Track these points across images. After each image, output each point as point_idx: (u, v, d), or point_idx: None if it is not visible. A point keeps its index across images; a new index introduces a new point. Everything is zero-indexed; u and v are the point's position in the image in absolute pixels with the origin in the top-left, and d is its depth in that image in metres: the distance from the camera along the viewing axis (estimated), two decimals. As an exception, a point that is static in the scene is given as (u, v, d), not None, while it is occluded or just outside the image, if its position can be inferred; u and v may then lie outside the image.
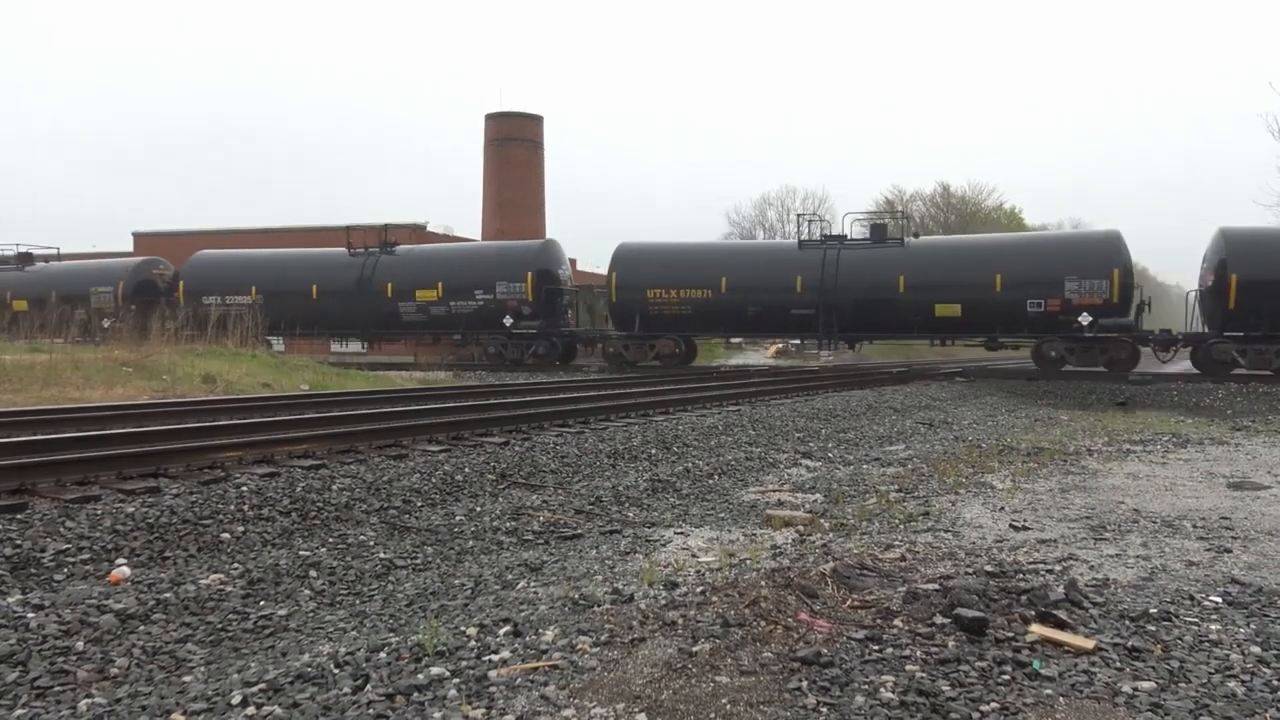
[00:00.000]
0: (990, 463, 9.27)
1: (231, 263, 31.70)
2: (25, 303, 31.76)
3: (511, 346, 27.48)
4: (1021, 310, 22.90)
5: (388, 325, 28.83)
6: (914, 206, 69.55)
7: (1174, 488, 7.63)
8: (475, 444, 9.17)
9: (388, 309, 28.40)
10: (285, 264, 30.59)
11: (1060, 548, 5.26)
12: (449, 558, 5.82)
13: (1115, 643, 3.49)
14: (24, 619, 4.27)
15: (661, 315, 25.94)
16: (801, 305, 24.69)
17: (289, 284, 29.53)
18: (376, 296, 28.47)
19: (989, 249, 24.80)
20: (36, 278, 33.65)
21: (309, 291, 29.05)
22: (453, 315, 27.82)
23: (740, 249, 27.75)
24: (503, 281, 27.41)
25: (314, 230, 40.55)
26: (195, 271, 31.16)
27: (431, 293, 27.93)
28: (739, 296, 25.19)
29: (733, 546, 5.70)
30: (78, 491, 6.30)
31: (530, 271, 27.25)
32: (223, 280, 30.42)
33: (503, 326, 27.34)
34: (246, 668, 3.80)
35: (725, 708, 2.90)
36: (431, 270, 28.32)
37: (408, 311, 28.21)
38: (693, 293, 25.63)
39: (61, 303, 30.36)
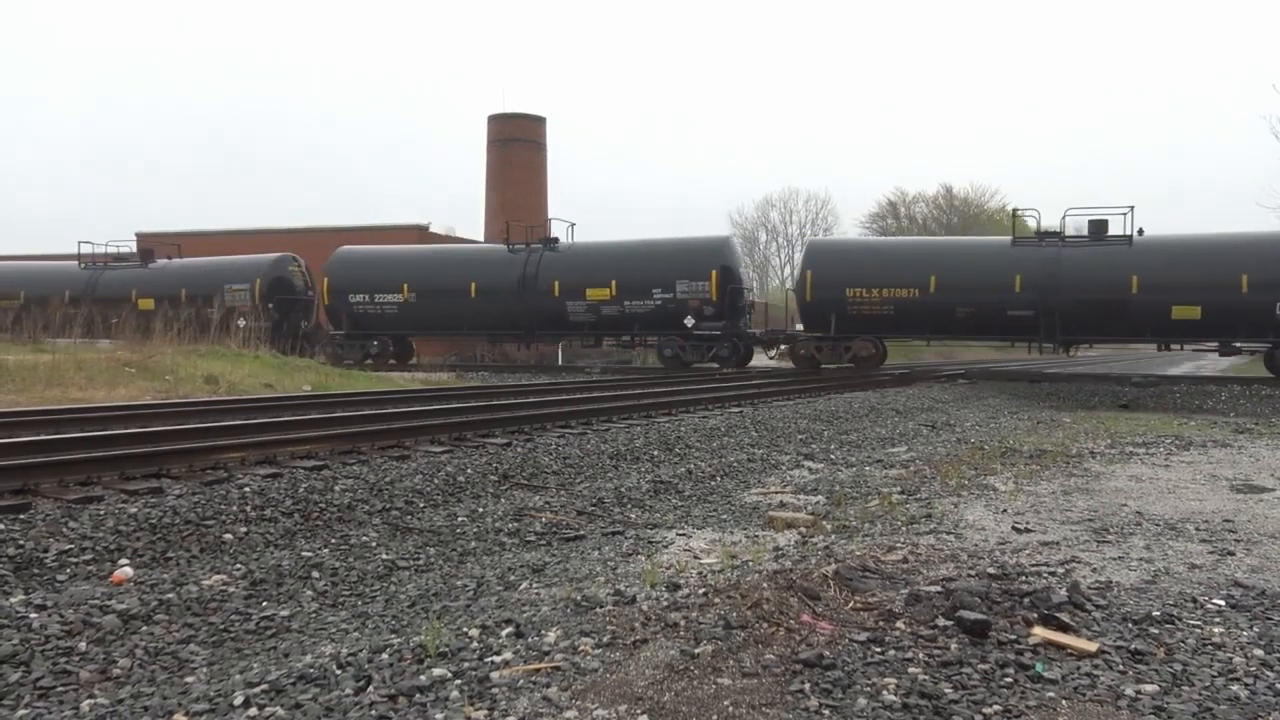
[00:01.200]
0: (993, 465, 9.26)
1: (380, 259, 29.89)
2: (152, 301, 30.21)
3: (690, 349, 25.91)
4: (1269, 312, 21.20)
5: (552, 326, 27.34)
6: (917, 208, 69.58)
7: (1177, 490, 7.62)
8: (478, 445, 9.17)
9: (553, 308, 26.72)
10: (441, 260, 29.03)
11: (1063, 550, 5.26)
12: (451, 559, 5.82)
13: (1118, 645, 3.49)
14: (27, 619, 4.28)
15: (860, 315, 24.03)
16: (1020, 306, 22.64)
17: (445, 282, 27.74)
18: (541, 295, 26.71)
19: (1234, 247, 22.58)
20: (163, 275, 31.69)
21: (466, 290, 27.27)
22: (626, 315, 26.14)
23: (949, 246, 25.06)
24: (684, 279, 25.63)
25: (316, 231, 40.56)
26: (341, 268, 29.34)
27: (603, 291, 26.21)
28: (948, 296, 23.13)
29: (735, 548, 5.70)
30: (80, 492, 6.30)
31: (714, 269, 25.57)
32: (370, 277, 28.69)
33: (682, 327, 25.63)
34: (249, 668, 3.80)
35: (727, 709, 2.89)
36: (604, 268, 26.68)
37: (575, 311, 26.60)
38: (897, 292, 23.62)
39: (192, 301, 29.23)
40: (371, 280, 28.67)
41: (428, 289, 27.83)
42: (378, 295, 28.30)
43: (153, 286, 31.06)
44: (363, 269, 29.14)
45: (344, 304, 28.63)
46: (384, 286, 28.35)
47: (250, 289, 29.65)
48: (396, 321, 28.49)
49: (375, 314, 28.46)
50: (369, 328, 28.62)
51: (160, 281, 31.19)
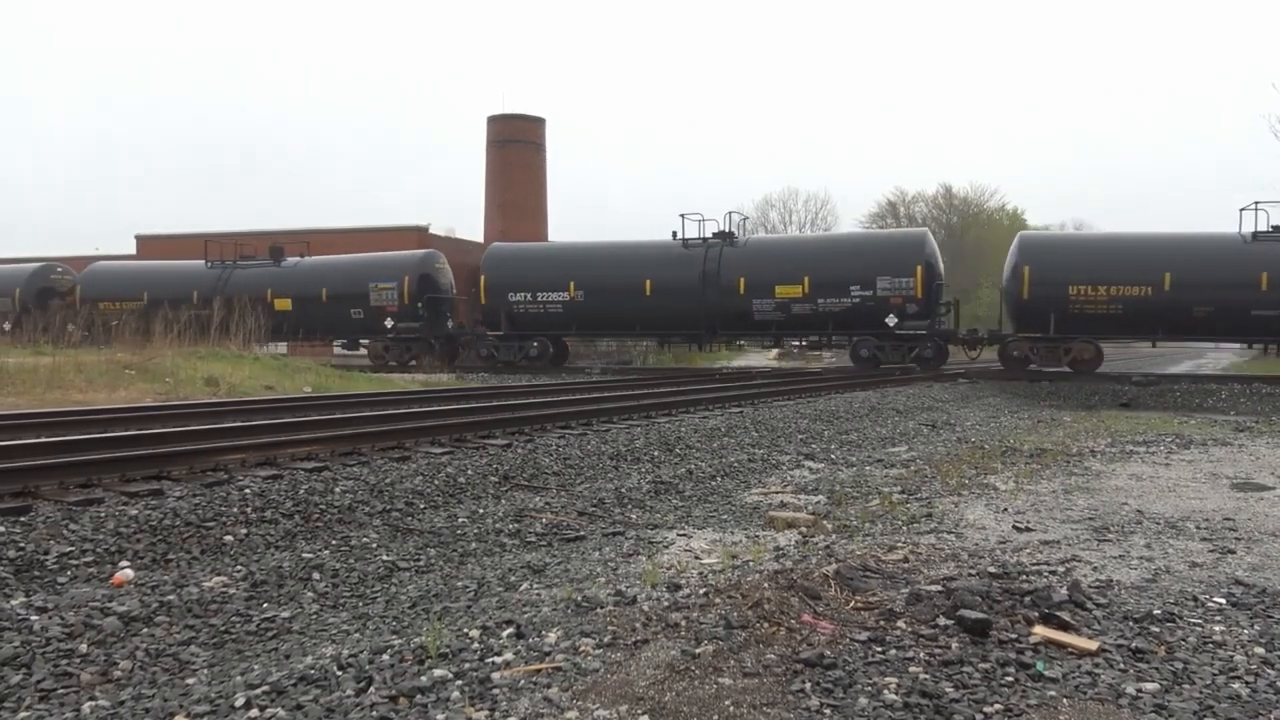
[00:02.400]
0: (993, 464, 9.26)
1: (545, 255, 28.46)
2: (289, 301, 29.01)
3: (889, 349, 24.33)
4: None
5: (736, 325, 25.75)
6: (916, 208, 69.52)
7: (1177, 489, 7.62)
8: (478, 446, 9.17)
9: (737, 307, 25.01)
10: (614, 257, 27.09)
11: (1063, 549, 5.26)
12: (452, 560, 5.82)
13: (1119, 644, 3.49)
14: (28, 621, 4.28)
15: (1082, 315, 22.39)
16: (1266, 306, 21.36)
17: (617, 280, 26.00)
18: (725, 293, 25.02)
19: None
20: (300, 273, 30.00)
21: (641, 288, 25.56)
22: (819, 314, 24.42)
23: (1183, 241, 23.46)
24: (885, 276, 23.87)
25: (316, 232, 40.55)
26: (500, 265, 27.63)
27: (795, 289, 24.44)
28: (1185, 295, 21.65)
29: (735, 548, 5.70)
30: (81, 494, 6.30)
31: (919, 264, 23.84)
32: (533, 275, 26.94)
33: (881, 326, 24.03)
34: (250, 670, 3.80)
35: (728, 709, 2.89)
36: (795, 264, 24.92)
37: (762, 310, 24.88)
38: (1127, 290, 21.97)
39: (334, 301, 28.28)
40: (534, 278, 26.92)
41: (598, 287, 26.19)
42: (540, 294, 26.65)
43: (289, 285, 29.58)
44: (525, 266, 27.46)
45: (503, 303, 26.90)
46: (548, 284, 26.64)
47: (398, 287, 28.06)
48: (561, 321, 26.93)
49: (537, 314, 26.79)
50: (529, 328, 27.03)
51: (298, 280, 29.62)
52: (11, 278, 33.86)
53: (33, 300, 32.41)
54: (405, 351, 28.10)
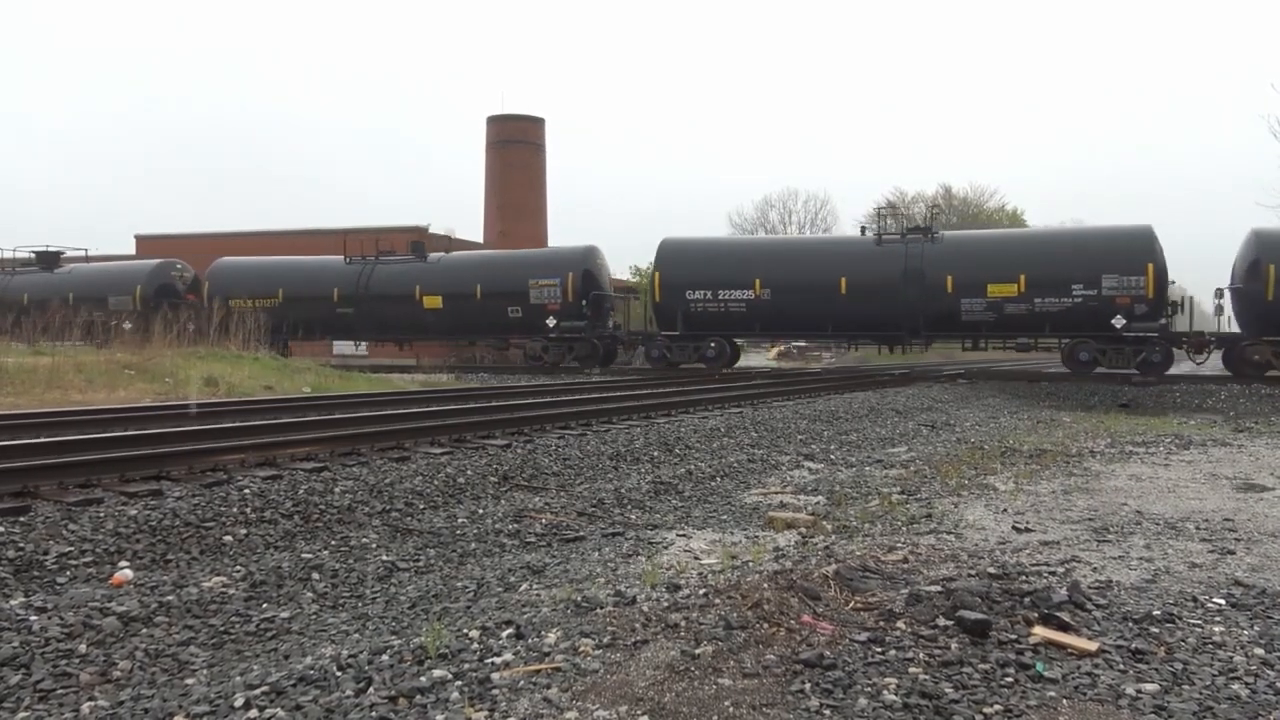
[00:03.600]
0: (993, 464, 9.26)
1: (726, 251, 26.55)
2: (439, 299, 27.66)
3: (1113, 353, 22.56)
4: None
5: (942, 326, 23.98)
6: (915, 208, 69.53)
7: (1177, 489, 7.62)
8: (477, 446, 9.17)
9: (944, 306, 23.23)
10: (804, 253, 25.61)
11: (1063, 549, 5.26)
12: (451, 560, 5.82)
13: (1118, 645, 3.48)
14: (27, 622, 4.27)
15: None
16: None
17: (808, 277, 24.25)
18: (930, 292, 23.23)
19: None
20: (451, 269, 28.47)
21: (835, 286, 23.80)
22: (1034, 314, 22.61)
23: None
24: (1111, 274, 22.04)
25: (316, 233, 40.56)
26: (676, 262, 25.68)
27: (1009, 287, 22.73)
28: None
29: (735, 548, 5.70)
30: (80, 494, 6.29)
31: (1149, 262, 21.97)
32: (713, 272, 25.04)
33: (1106, 328, 22.24)
34: (249, 670, 3.80)
35: (728, 710, 2.89)
36: (1010, 260, 23.14)
37: (971, 309, 23.08)
38: None
39: (489, 299, 26.92)
40: (716, 275, 25.01)
41: (786, 285, 24.27)
42: (722, 292, 24.78)
43: (439, 282, 28.02)
44: (706, 263, 25.60)
45: (679, 301, 24.97)
46: (731, 282, 24.71)
47: (561, 284, 26.66)
48: (742, 321, 25.13)
49: (717, 313, 24.94)
50: (706, 328, 25.19)
51: (447, 276, 28.15)
52: (131, 274, 32.32)
53: (153, 297, 30.99)
54: (567, 352, 26.96)
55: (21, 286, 32.91)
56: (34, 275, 33.47)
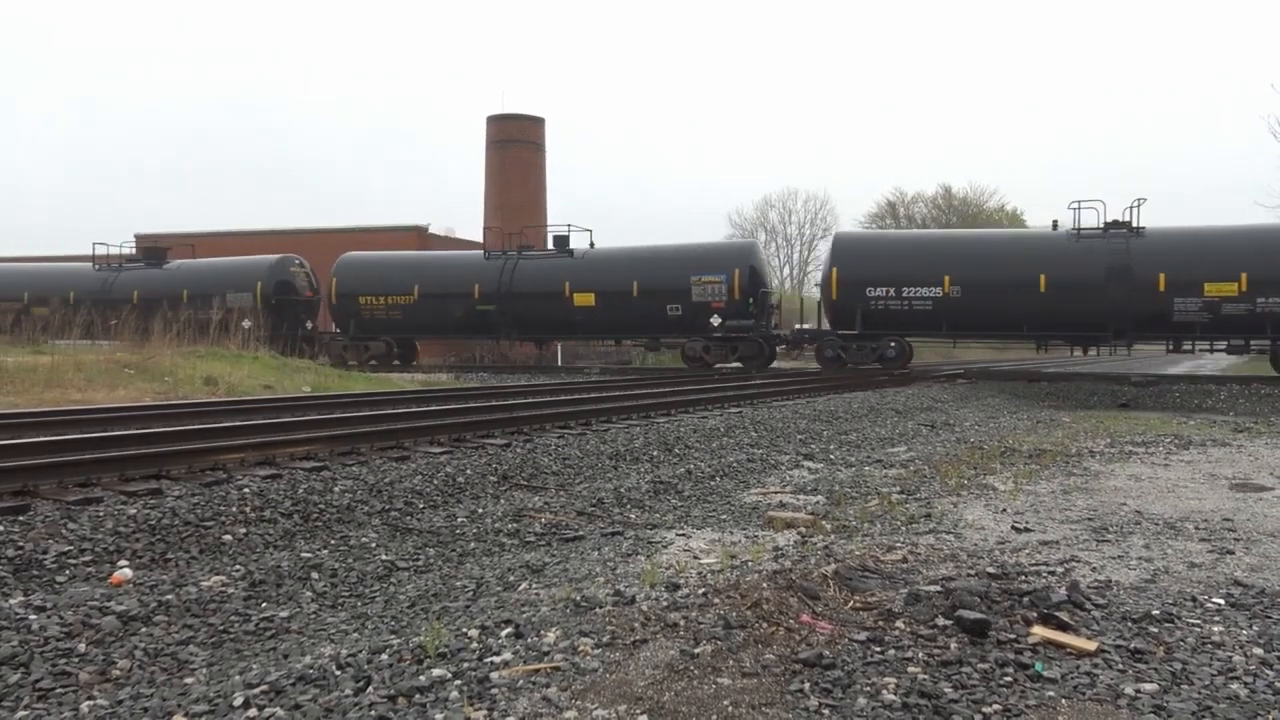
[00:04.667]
0: (992, 464, 9.27)
1: (910, 246, 24.91)
2: (592, 296, 26.23)
3: None
4: None
5: (1151, 326, 22.36)
6: (916, 208, 69.60)
7: (1176, 489, 7.62)
8: (477, 445, 9.17)
9: (1154, 306, 21.62)
10: (996, 248, 23.99)
11: (1062, 549, 5.26)
12: (451, 559, 5.82)
13: (1118, 644, 3.49)
14: (26, 621, 4.27)
15: None
16: None
17: (1005, 273, 22.74)
18: (1139, 291, 21.61)
19: None
20: (602, 264, 26.97)
21: (1034, 283, 22.16)
22: (1255, 315, 21.09)
23: None
24: None
25: (314, 232, 40.57)
26: (855, 257, 24.13)
27: (1229, 286, 21.03)
28: None
29: (734, 548, 5.70)
30: (80, 493, 6.30)
31: None
32: (896, 268, 23.55)
33: None
34: (248, 669, 3.80)
35: (727, 709, 2.89)
36: (1229, 258, 21.30)
37: (1185, 309, 21.45)
38: None
39: (647, 296, 25.50)
40: (898, 271, 23.50)
41: (979, 283, 22.76)
42: (906, 289, 23.36)
43: (590, 278, 26.63)
44: (887, 258, 24.16)
45: (859, 299, 23.55)
46: (916, 279, 23.32)
47: (727, 281, 25.25)
48: (927, 320, 23.52)
49: (899, 311, 23.39)
50: (886, 326, 23.75)
51: (599, 272, 26.71)
52: (250, 270, 30.35)
53: (273, 294, 29.42)
54: (731, 352, 25.65)
55: (130, 283, 31.08)
56: (142, 271, 31.67)
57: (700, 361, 25.88)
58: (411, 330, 28.99)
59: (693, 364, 26.01)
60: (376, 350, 28.51)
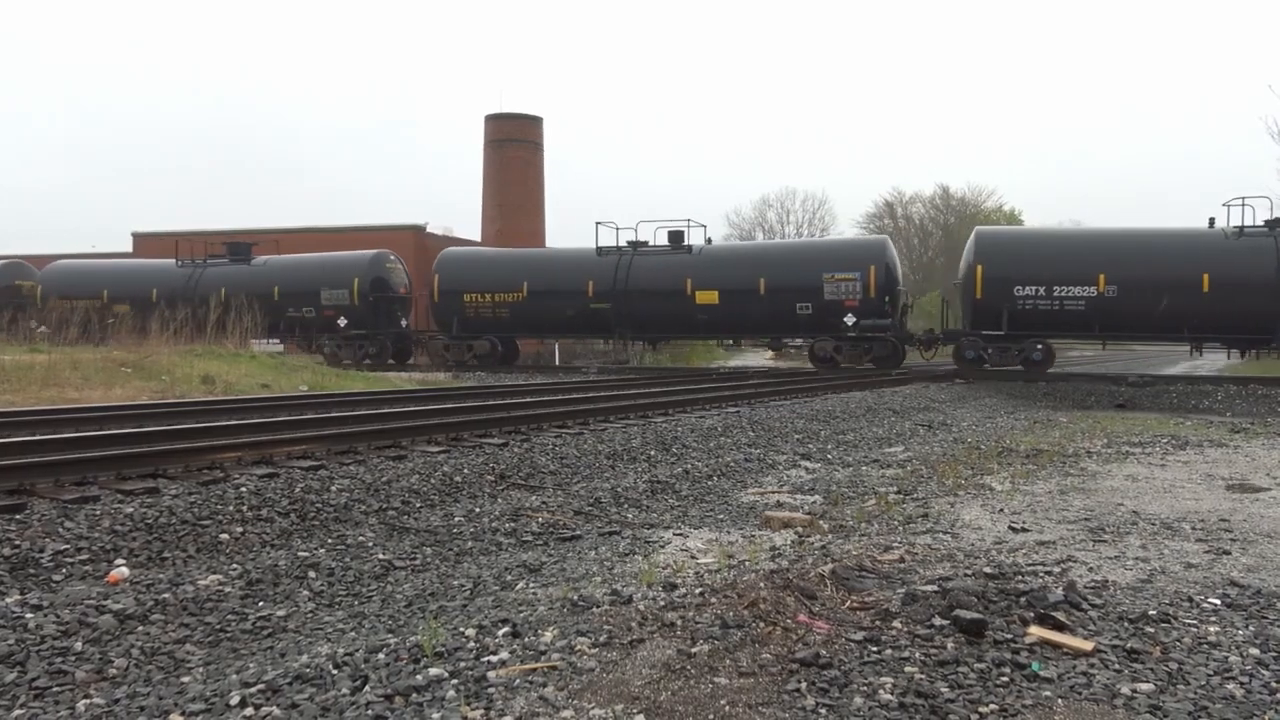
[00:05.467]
0: (989, 464, 9.27)
1: (1060, 242, 23.70)
2: (715, 294, 25.13)
3: None
4: None
5: None
6: (913, 208, 69.60)
7: (1173, 490, 7.63)
8: (474, 445, 9.17)
9: None
10: (1155, 245, 22.75)
11: (1059, 549, 5.27)
12: (448, 559, 5.82)
13: (1114, 644, 3.49)
14: (22, 619, 4.27)
15: None
16: None
17: (1165, 272, 21.70)
18: None
19: None
20: (725, 261, 25.93)
21: (1196, 283, 21.26)
22: None
23: None
24: None
25: (313, 231, 40.54)
26: (1002, 255, 22.98)
27: None
28: None
29: (731, 548, 5.70)
30: (76, 492, 6.29)
31: None
32: (1047, 267, 22.44)
33: None
34: (245, 668, 3.79)
35: (724, 709, 2.90)
36: None
37: None
38: None
39: (775, 294, 24.35)
40: (1051, 270, 22.46)
41: (1137, 281, 21.80)
42: (1058, 288, 22.49)
43: (713, 275, 25.52)
44: (1035, 255, 23.08)
45: (1006, 299, 22.51)
46: (1067, 277, 22.32)
47: (861, 279, 24.19)
48: (1080, 321, 22.45)
49: (1049, 311, 22.51)
50: (1033, 327, 22.77)
51: (721, 269, 25.68)
52: (347, 266, 29.06)
53: (369, 292, 28.37)
54: (864, 353, 24.57)
55: (216, 280, 29.77)
56: (228, 268, 30.45)
57: (830, 362, 24.87)
58: (519, 329, 28.09)
59: (821, 365, 25.00)
60: (480, 349, 27.53)
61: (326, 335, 28.55)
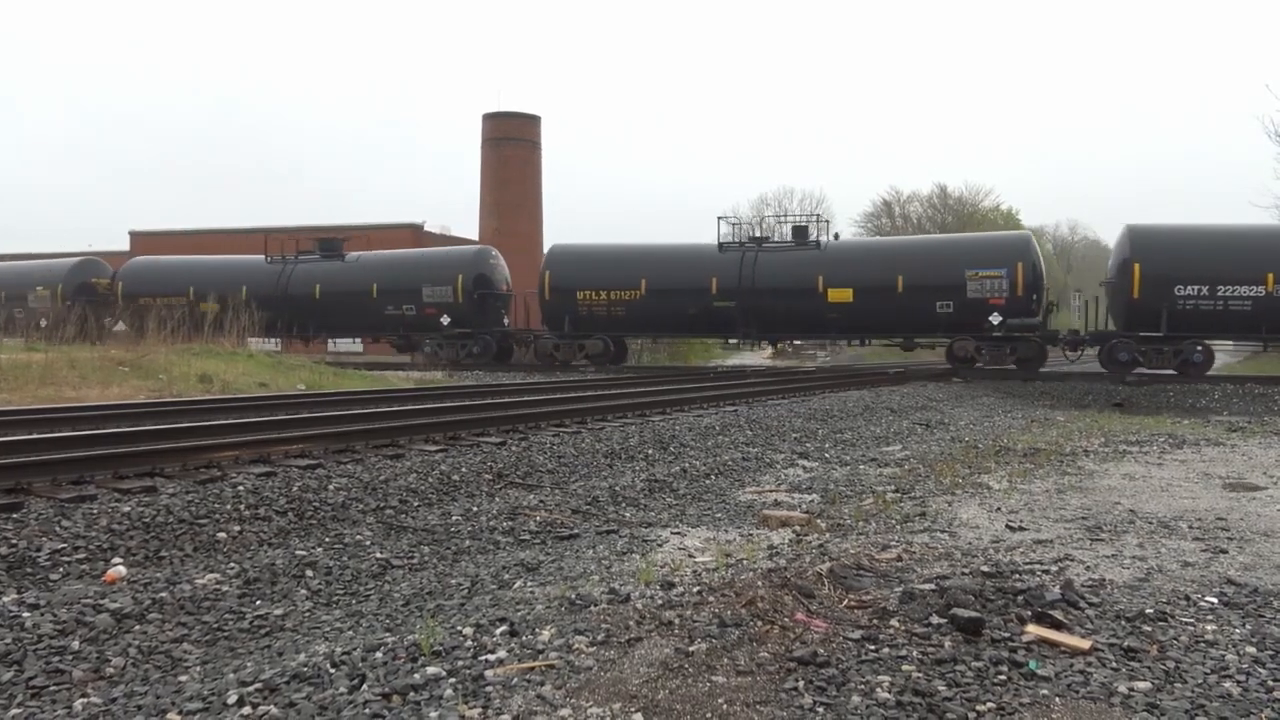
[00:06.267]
0: (987, 463, 9.28)
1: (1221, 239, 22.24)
2: (849, 291, 24.05)
3: None
4: None
5: None
6: (911, 207, 69.65)
7: (1170, 488, 7.64)
8: (472, 444, 9.16)
9: None
10: None
11: (1056, 548, 5.27)
12: (445, 557, 5.82)
13: (1111, 643, 3.49)
14: (19, 618, 4.26)
15: None
16: None
17: None
18: None
19: None
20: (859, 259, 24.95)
21: None
22: None
23: None
24: None
25: (313, 230, 40.46)
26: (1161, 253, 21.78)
27: None
28: None
29: (729, 546, 5.71)
30: (73, 491, 6.29)
31: None
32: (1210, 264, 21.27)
33: None
34: (242, 667, 3.79)
35: (721, 707, 2.90)
36: None
37: None
38: None
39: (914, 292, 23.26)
40: (1210, 268, 21.24)
41: None
42: (1222, 287, 21.12)
43: (845, 273, 24.14)
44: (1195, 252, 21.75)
45: (1165, 298, 21.23)
46: (1230, 276, 21.08)
47: (1009, 275, 22.89)
48: (1243, 321, 21.45)
49: (1210, 311, 21.27)
50: (1194, 329, 21.55)
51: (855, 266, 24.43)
52: (450, 263, 28.06)
53: (473, 289, 27.34)
54: (1009, 353, 23.16)
55: (309, 277, 28.78)
56: (321, 264, 29.36)
57: (970, 362, 23.47)
58: (635, 329, 27.03)
59: (960, 365, 23.58)
60: (593, 349, 26.39)
61: (427, 335, 27.52)
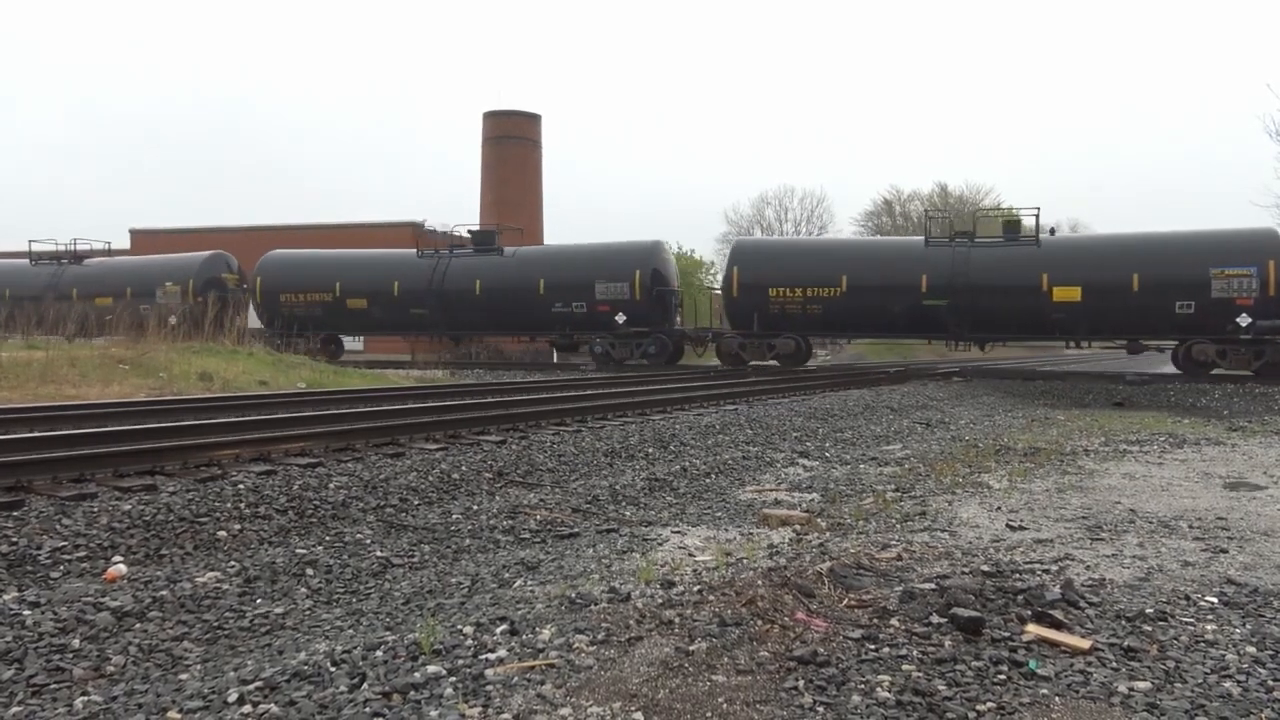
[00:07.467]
0: (987, 462, 9.28)
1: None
2: (1077, 290, 22.37)
3: None
4: None
5: None
6: (912, 206, 69.60)
7: (1170, 488, 7.64)
8: (472, 442, 9.16)
9: None
10: None
11: (1057, 548, 5.27)
12: (446, 556, 5.82)
13: (1111, 643, 3.49)
14: (20, 616, 4.27)
15: None
16: None
17: None
18: None
19: None
20: (1087, 255, 23.14)
21: None
22: None
23: None
24: None
25: (312, 229, 40.48)
26: None
27: None
28: None
29: (729, 545, 5.71)
30: (74, 489, 6.29)
31: None
32: None
33: None
34: (243, 666, 3.79)
35: (721, 707, 2.90)
36: None
37: None
38: None
39: (1149, 290, 21.54)
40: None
41: None
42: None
43: (1074, 270, 22.65)
44: None
45: None
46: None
47: (1259, 275, 21.26)
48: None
49: None
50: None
51: (1082, 263, 22.88)
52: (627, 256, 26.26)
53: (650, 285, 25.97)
54: (1254, 357, 21.36)
55: (466, 272, 27.18)
56: (477, 259, 27.79)
57: (1208, 366, 21.71)
58: (833, 328, 25.55)
59: (1197, 369, 21.78)
60: (784, 348, 24.72)
61: (597, 335, 26.22)
